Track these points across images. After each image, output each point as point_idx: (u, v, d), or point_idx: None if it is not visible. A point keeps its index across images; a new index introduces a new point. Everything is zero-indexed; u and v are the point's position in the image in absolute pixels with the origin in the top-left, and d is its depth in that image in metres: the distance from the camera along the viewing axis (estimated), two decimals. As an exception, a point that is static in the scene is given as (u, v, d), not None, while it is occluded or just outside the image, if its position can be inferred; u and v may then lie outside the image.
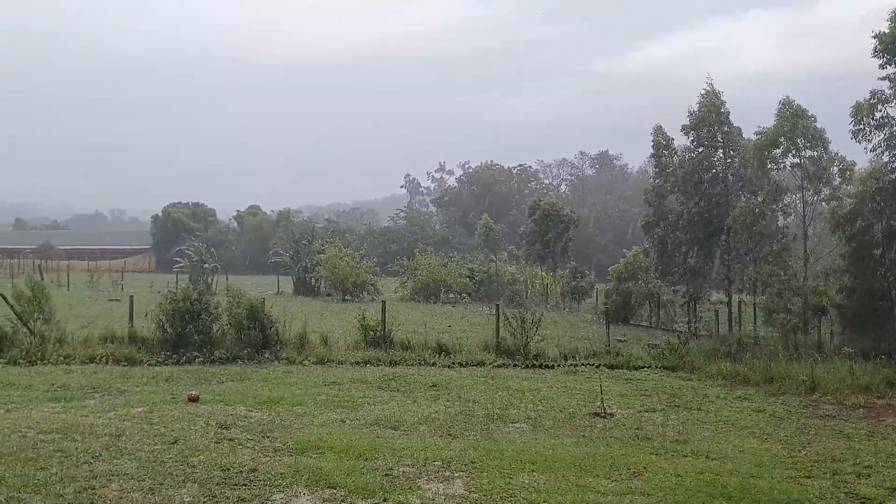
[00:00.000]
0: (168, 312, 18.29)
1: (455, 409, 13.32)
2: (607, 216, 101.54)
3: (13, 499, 7.88)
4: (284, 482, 8.77)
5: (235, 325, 18.54)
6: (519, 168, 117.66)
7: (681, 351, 19.59)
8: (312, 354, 18.38)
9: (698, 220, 28.96)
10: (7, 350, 17.41)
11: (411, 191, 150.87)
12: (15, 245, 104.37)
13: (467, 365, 18.25)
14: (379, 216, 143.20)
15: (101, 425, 11.16)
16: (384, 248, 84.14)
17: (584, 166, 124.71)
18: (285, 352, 18.43)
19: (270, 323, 18.78)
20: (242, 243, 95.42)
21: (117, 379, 15.39)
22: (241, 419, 12.00)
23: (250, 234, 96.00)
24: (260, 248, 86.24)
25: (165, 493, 8.28)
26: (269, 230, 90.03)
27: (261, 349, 18.29)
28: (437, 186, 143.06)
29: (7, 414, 11.86)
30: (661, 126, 32.04)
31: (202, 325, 18.28)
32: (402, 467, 9.54)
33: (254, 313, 18.55)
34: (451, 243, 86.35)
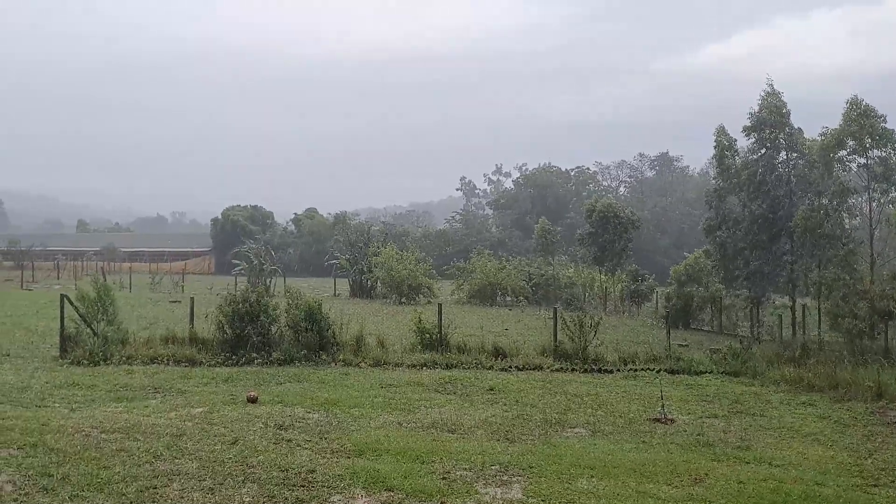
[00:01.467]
0: (227, 314, 18.43)
1: (512, 413, 13.21)
2: (667, 219, 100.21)
3: (77, 497, 7.98)
4: (342, 484, 8.76)
5: (293, 327, 18.63)
6: (576, 170, 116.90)
7: (743, 356, 19.18)
8: (369, 357, 18.39)
9: (761, 223, 28.45)
10: (71, 350, 17.70)
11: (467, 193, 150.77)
12: (78, 247, 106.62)
13: (524, 369, 18.10)
14: (435, 218, 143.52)
15: (162, 425, 11.29)
16: (440, 250, 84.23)
17: (643, 168, 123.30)
18: (342, 354, 18.47)
19: (328, 325, 18.84)
20: (300, 246, 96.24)
21: (178, 379, 15.57)
22: (299, 420, 12.04)
23: (307, 236, 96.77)
24: (317, 250, 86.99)
25: (225, 492, 8.32)
26: (326, 232, 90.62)
27: (318, 351, 18.35)
28: (493, 189, 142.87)
29: (71, 413, 12.05)
30: (723, 127, 31.54)
31: (261, 326, 18.40)
32: (459, 471, 9.47)
33: (311, 315, 18.62)
34: (507, 246, 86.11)
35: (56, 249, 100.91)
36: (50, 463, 9.06)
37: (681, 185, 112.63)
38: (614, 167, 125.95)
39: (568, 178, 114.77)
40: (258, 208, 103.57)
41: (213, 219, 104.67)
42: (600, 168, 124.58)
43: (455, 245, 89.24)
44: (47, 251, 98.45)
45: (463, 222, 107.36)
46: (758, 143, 29.45)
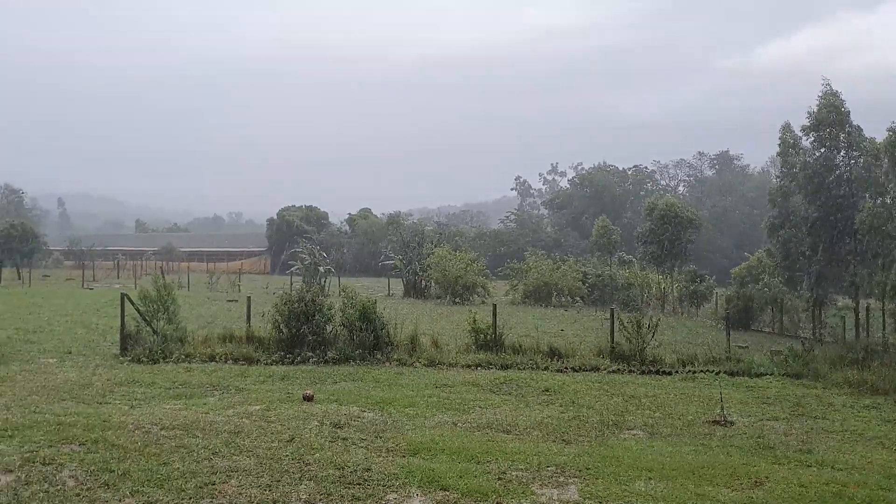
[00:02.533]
0: (283, 313, 18.58)
1: (569, 415, 13.09)
2: (727, 218, 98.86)
3: (138, 492, 8.06)
4: (397, 482, 8.73)
5: (348, 327, 18.70)
6: (634, 169, 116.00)
7: (805, 358, 18.80)
8: (423, 356, 18.39)
9: (822, 223, 27.88)
10: (131, 348, 17.99)
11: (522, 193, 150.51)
12: (137, 247, 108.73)
13: (581, 370, 17.95)
14: (489, 218, 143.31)
15: (220, 422, 11.39)
16: (494, 250, 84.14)
17: (702, 167, 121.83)
18: (396, 353, 18.49)
19: (382, 324, 18.87)
20: (354, 245, 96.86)
21: (235, 377, 15.73)
22: (355, 419, 12.06)
23: (361, 236, 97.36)
24: (371, 250, 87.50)
25: (283, 489, 8.35)
26: (380, 232, 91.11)
27: (372, 350, 18.39)
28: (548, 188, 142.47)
29: (131, 410, 12.21)
30: (789, 124, 31.02)
31: (316, 325, 18.50)
32: (515, 471, 9.38)
33: (366, 315, 18.68)
34: (562, 246, 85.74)
35: (116, 249, 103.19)
36: (111, 458, 9.17)
37: (741, 185, 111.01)
38: (673, 166, 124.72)
39: (625, 178, 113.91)
40: (313, 208, 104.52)
41: (268, 219, 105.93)
42: (658, 167, 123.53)
43: (509, 245, 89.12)
44: (108, 251, 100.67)
45: (517, 222, 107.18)
46: (817, 142, 28.90)
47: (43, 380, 14.66)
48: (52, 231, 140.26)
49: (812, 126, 28.73)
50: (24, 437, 10.01)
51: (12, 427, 10.50)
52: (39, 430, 10.40)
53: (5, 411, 11.59)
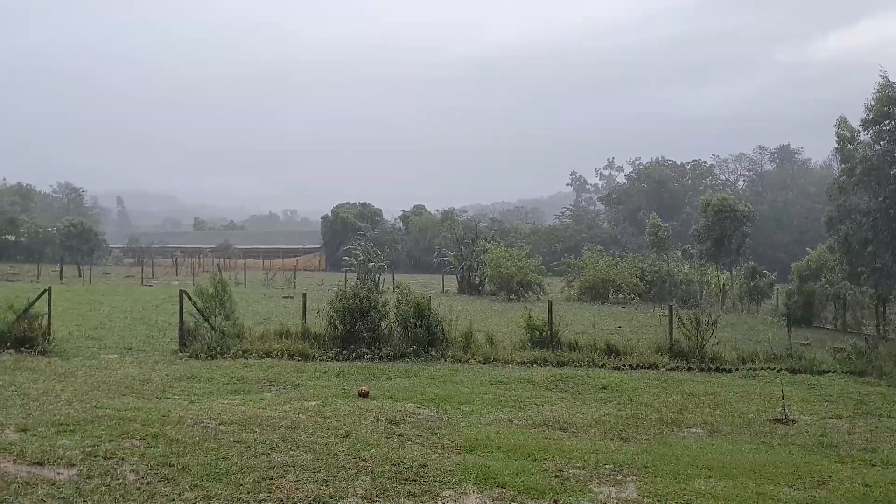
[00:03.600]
0: (338, 310, 18.65)
1: (626, 412, 12.93)
2: (787, 213, 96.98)
3: (197, 486, 8.12)
4: (453, 479, 8.68)
5: (402, 323, 18.71)
6: (692, 164, 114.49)
7: (868, 355, 18.36)
8: (478, 353, 18.32)
9: (884, 217, 27.19)
10: (190, 344, 18.23)
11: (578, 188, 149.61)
12: (195, 244, 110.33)
13: (638, 367, 17.73)
14: (544, 215, 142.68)
15: (277, 418, 11.46)
16: (549, 246, 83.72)
17: (762, 161, 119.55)
18: (451, 350, 18.45)
19: (436, 321, 18.84)
20: (408, 242, 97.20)
21: (291, 373, 15.84)
22: (410, 415, 12.04)
23: (415, 233, 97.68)
24: (425, 247, 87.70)
25: (339, 485, 8.35)
26: (434, 229, 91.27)
27: (427, 347, 18.38)
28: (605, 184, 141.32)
29: (190, 405, 12.36)
30: (845, 118, 30.32)
31: (371, 322, 18.54)
32: (572, 469, 9.27)
33: (420, 311, 18.67)
34: (619, 242, 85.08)
35: (174, 247, 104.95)
36: (170, 453, 9.26)
37: (802, 179, 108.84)
38: (732, 160, 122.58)
39: (683, 172, 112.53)
40: (367, 205, 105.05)
41: (323, 216, 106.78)
42: (717, 161, 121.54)
43: (565, 241, 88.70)
44: (166, 248, 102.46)
45: (573, 218, 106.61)
46: (875, 135, 28.19)
47: (104, 375, 14.91)
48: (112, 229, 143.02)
49: (870, 119, 28.04)
50: (86, 431, 10.16)
51: (74, 422, 10.67)
52: (101, 424, 10.55)
53: (67, 406, 11.80)
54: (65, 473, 8.40)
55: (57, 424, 10.49)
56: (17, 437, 9.78)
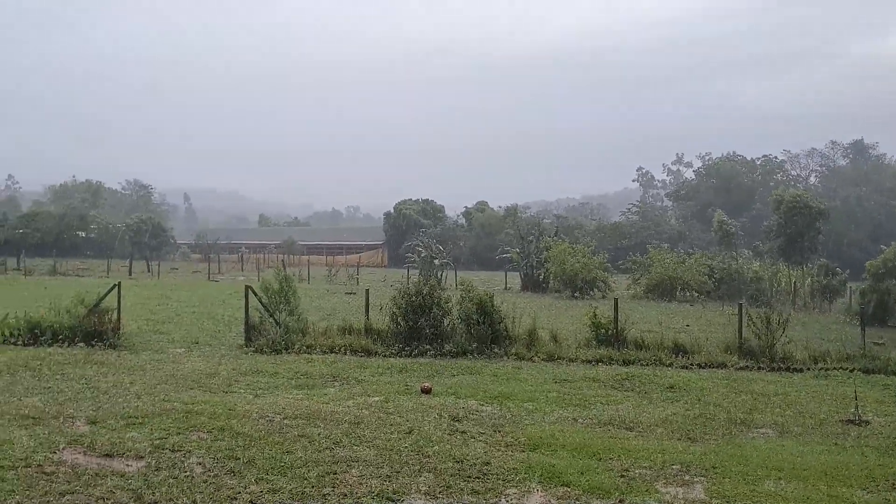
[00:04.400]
0: (401, 306, 18.64)
1: (694, 412, 12.66)
2: (861, 209, 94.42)
3: (262, 480, 8.19)
4: (517, 477, 8.61)
5: (465, 320, 18.62)
6: (763, 159, 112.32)
7: (946, 356, 17.71)
8: (542, 351, 18.15)
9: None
10: (255, 339, 18.41)
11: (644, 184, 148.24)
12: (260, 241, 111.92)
13: (707, 366, 17.38)
14: (610, 211, 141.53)
15: (340, 413, 11.50)
16: (615, 243, 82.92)
17: (835, 156, 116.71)
18: (514, 347, 18.31)
19: (500, 318, 18.71)
20: (470, 239, 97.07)
21: (355, 369, 15.89)
22: (473, 413, 11.99)
23: (478, 229, 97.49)
24: (487, 243, 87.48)
25: (402, 481, 8.35)
26: (497, 226, 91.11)
27: (490, 344, 18.28)
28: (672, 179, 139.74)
29: (256, 399, 12.48)
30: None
31: (433, 318, 18.50)
32: (638, 469, 9.13)
33: (483, 308, 18.55)
34: (687, 239, 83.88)
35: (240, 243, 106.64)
36: (236, 446, 9.38)
37: (876, 174, 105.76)
38: (804, 156, 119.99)
39: (753, 168, 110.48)
40: (429, 202, 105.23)
41: (385, 213, 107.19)
42: (789, 157, 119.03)
43: (631, 238, 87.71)
44: (232, 244, 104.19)
45: (640, 214, 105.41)
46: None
47: (172, 369, 15.16)
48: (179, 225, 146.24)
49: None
50: (155, 424, 10.34)
51: (143, 414, 10.87)
52: (169, 417, 10.74)
53: (136, 399, 12.02)
54: (133, 465, 8.55)
55: (126, 417, 10.71)
56: (87, 430, 9.98)
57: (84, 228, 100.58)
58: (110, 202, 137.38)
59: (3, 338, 17.55)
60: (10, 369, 14.31)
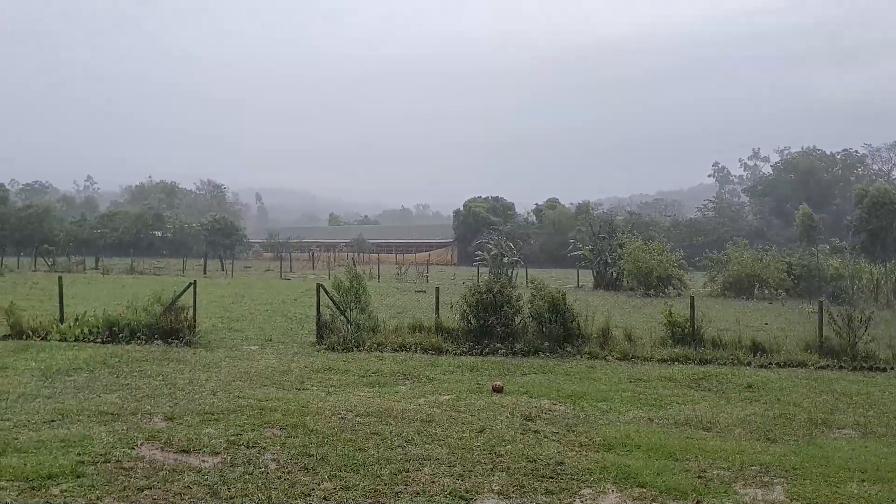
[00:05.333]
0: (472, 304, 18.55)
1: (773, 412, 12.34)
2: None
3: (335, 477, 8.22)
4: (592, 477, 8.49)
5: (537, 318, 18.46)
6: (843, 153, 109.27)
7: None
8: (616, 350, 17.91)
9: None
10: (326, 337, 18.54)
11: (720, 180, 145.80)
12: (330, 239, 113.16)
13: (786, 365, 16.95)
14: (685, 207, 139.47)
15: (412, 411, 11.50)
16: (690, 240, 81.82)
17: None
18: (587, 346, 18.09)
19: (572, 316, 18.49)
20: (541, 236, 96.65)
21: (425, 367, 15.89)
22: (546, 412, 11.87)
23: (549, 227, 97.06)
24: (558, 241, 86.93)
25: (475, 479, 8.29)
26: (568, 223, 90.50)
27: (562, 343, 18.08)
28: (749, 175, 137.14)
29: (328, 397, 12.55)
30: None
31: (504, 317, 18.38)
32: (715, 470, 8.93)
33: (555, 306, 18.36)
34: (765, 235, 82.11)
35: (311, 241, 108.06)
36: (310, 443, 9.44)
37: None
38: (886, 149, 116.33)
39: (833, 162, 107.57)
40: (499, 199, 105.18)
41: (455, 210, 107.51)
42: (870, 151, 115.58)
43: (707, 235, 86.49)
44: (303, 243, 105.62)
45: (715, 210, 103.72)
46: None
47: (246, 366, 15.36)
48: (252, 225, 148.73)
49: None
50: (230, 420, 10.47)
51: (218, 411, 11.02)
52: (243, 414, 10.87)
53: (212, 396, 12.20)
54: (209, 461, 8.66)
55: (202, 413, 10.86)
56: (164, 426, 10.15)
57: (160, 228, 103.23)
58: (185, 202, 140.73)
59: (83, 335, 18.00)
60: (90, 366, 14.66)
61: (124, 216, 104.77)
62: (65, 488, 7.58)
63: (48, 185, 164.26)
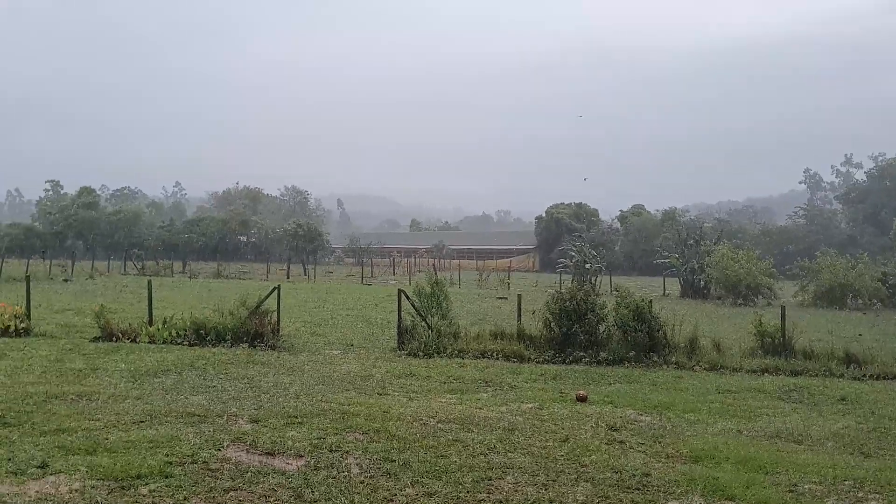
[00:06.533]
0: (554, 312, 18.35)
1: (868, 426, 11.91)
2: None
3: (418, 483, 8.20)
4: (679, 490, 8.28)
5: (622, 327, 18.17)
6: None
7: None
8: (703, 360, 17.53)
9: None
10: (408, 342, 18.58)
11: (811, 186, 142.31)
12: (411, 245, 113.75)
13: (882, 378, 16.36)
14: (775, 214, 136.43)
15: (494, 418, 11.43)
16: (780, 248, 79.94)
17: None
18: (674, 356, 17.75)
19: (658, 325, 18.18)
20: (626, 243, 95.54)
21: (507, 374, 15.79)
22: (631, 422, 11.66)
23: (634, 233, 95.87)
24: (644, 248, 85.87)
25: (559, 489, 8.17)
26: (654, 230, 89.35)
27: (648, 352, 17.76)
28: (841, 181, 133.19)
29: (409, 402, 12.56)
30: None
31: (588, 325, 18.13)
32: (807, 484, 8.63)
33: (640, 315, 18.04)
34: (858, 243, 79.62)
35: (391, 247, 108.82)
36: (392, 448, 9.44)
37: None
38: None
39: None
40: (582, 206, 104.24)
41: (536, 217, 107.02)
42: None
43: (798, 243, 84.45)
44: (384, 248, 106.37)
45: (807, 218, 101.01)
46: None
47: (328, 370, 15.50)
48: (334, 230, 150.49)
49: None
50: (313, 424, 10.55)
51: (302, 414, 11.12)
52: (326, 418, 10.94)
53: (295, 399, 12.32)
54: (293, 464, 8.73)
55: (286, 416, 10.97)
56: (249, 428, 10.28)
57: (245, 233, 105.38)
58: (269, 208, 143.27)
59: (171, 337, 18.41)
60: (178, 368, 14.98)
61: (211, 221, 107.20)
62: (153, 488, 7.71)
63: (137, 190, 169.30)
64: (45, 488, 7.61)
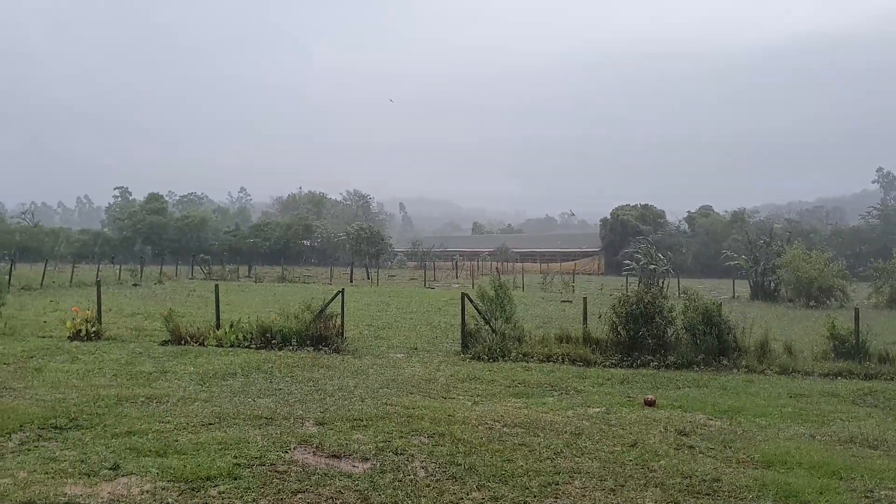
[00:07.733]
0: (621, 315, 18.11)
1: (949, 432, 11.50)
2: None
3: (483, 487, 8.15)
4: (750, 495, 8.10)
5: (690, 330, 17.88)
6: None
7: None
8: (775, 363, 17.14)
9: None
10: (472, 346, 18.53)
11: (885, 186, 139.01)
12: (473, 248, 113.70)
13: (963, 382, 15.82)
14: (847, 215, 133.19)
15: (560, 423, 11.31)
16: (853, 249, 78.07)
17: None
18: (744, 359, 17.39)
19: (728, 329, 17.84)
20: (693, 245, 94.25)
21: (573, 378, 15.63)
22: (701, 427, 11.43)
23: (702, 235, 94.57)
24: (712, 250, 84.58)
25: (627, 494, 8.05)
26: (722, 231, 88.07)
27: (717, 356, 17.44)
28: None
29: (474, 406, 12.51)
30: None
31: (655, 328, 17.88)
32: (883, 490, 8.38)
33: (709, 318, 17.73)
34: (935, 243, 77.32)
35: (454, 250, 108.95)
36: (457, 452, 9.40)
37: None
38: None
39: None
40: (648, 207, 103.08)
41: (602, 219, 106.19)
42: None
43: (872, 243, 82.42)
44: (446, 252, 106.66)
45: (881, 218, 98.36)
46: None
47: (392, 373, 15.55)
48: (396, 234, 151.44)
49: None
50: (378, 427, 10.57)
51: (367, 417, 11.15)
52: (391, 421, 10.95)
53: (360, 402, 12.37)
54: (360, 467, 8.75)
55: (351, 419, 11.01)
56: (315, 430, 10.34)
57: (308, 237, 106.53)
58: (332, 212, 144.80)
59: (238, 341, 18.67)
60: (245, 371, 15.17)
61: (275, 226, 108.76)
62: (222, 490, 7.80)
63: (203, 196, 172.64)
64: (118, 489, 7.74)
